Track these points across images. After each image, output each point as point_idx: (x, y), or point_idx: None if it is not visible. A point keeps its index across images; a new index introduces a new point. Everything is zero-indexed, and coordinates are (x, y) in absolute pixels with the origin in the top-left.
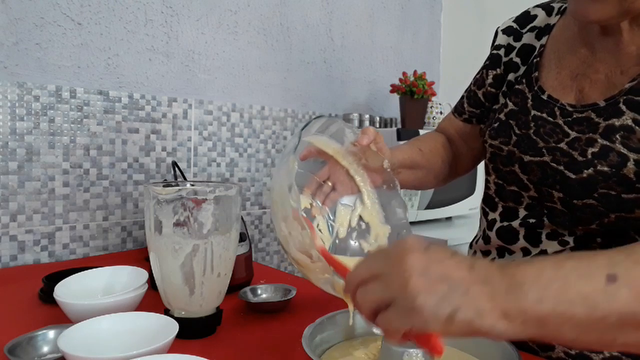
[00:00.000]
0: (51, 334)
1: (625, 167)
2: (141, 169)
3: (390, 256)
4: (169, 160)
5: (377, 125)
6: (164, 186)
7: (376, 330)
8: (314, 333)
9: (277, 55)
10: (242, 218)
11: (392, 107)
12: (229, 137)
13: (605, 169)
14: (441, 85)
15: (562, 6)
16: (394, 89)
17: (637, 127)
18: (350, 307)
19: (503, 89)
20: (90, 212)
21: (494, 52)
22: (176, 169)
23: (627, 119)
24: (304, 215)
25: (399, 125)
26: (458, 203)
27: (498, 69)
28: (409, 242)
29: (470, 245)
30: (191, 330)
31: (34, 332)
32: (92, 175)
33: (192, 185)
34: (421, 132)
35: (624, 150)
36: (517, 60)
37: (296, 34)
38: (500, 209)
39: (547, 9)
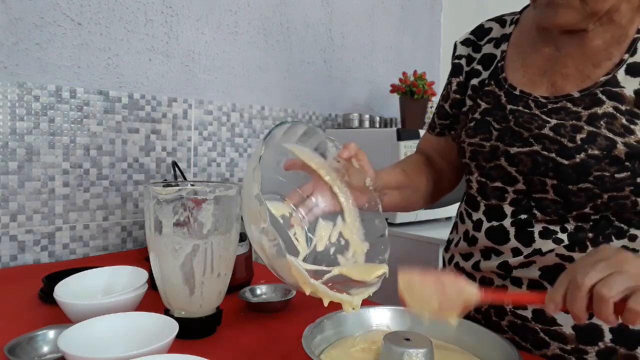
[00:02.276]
0: (51, 334)
1: (615, 148)
2: (141, 169)
3: (608, 258)
4: (169, 160)
5: (377, 126)
6: (164, 186)
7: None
8: (314, 333)
9: (277, 55)
10: (242, 218)
11: (392, 107)
12: (229, 137)
13: (597, 152)
14: (441, 85)
15: (514, 17)
16: (394, 89)
17: (618, 114)
18: (346, 308)
19: (468, 93)
20: (90, 212)
21: (455, 61)
22: (176, 169)
23: (609, 107)
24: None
25: (399, 125)
26: (458, 203)
27: (461, 77)
28: (610, 247)
29: (446, 249)
30: (191, 330)
31: (34, 332)
32: (92, 175)
33: (192, 185)
34: (421, 132)
35: (611, 135)
36: (479, 67)
37: (296, 34)
38: (483, 208)
39: (500, 21)
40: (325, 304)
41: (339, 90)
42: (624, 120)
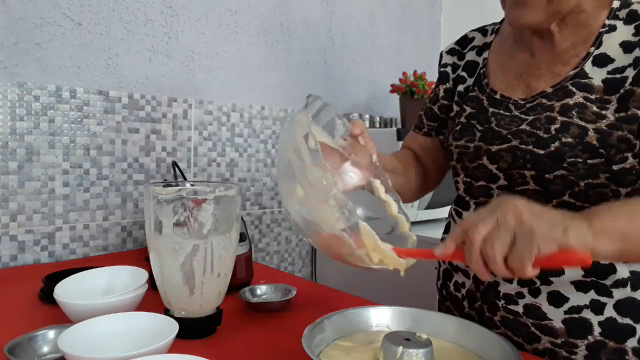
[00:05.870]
0: (51, 334)
1: (587, 135)
2: (141, 169)
3: (498, 209)
4: (169, 160)
5: (377, 125)
6: (164, 186)
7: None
8: (314, 333)
9: (277, 55)
10: (242, 218)
11: (392, 107)
12: (229, 137)
13: (570, 140)
14: None
15: (494, 27)
16: (394, 89)
17: (588, 103)
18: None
19: (455, 99)
20: (90, 212)
21: (442, 69)
22: (176, 169)
23: (579, 97)
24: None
25: (399, 125)
26: None
27: (447, 84)
28: (508, 197)
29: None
30: (191, 330)
31: (34, 332)
32: (92, 175)
33: (192, 185)
34: None
35: (582, 123)
36: (464, 74)
37: (296, 34)
38: (473, 207)
39: (482, 31)
40: (402, 272)
41: (339, 90)
42: (594, 108)
